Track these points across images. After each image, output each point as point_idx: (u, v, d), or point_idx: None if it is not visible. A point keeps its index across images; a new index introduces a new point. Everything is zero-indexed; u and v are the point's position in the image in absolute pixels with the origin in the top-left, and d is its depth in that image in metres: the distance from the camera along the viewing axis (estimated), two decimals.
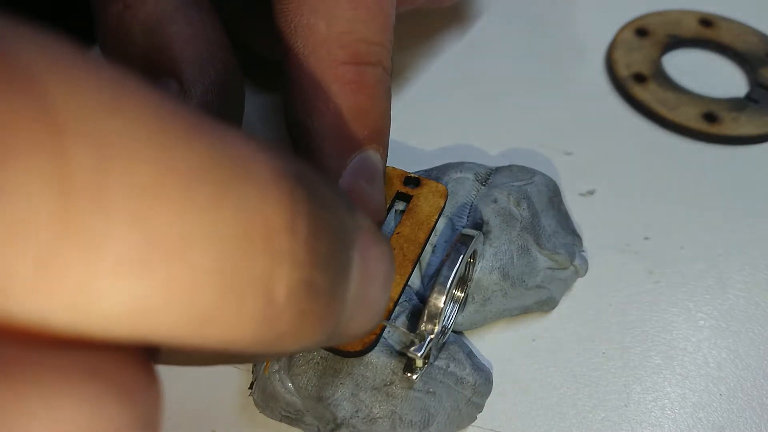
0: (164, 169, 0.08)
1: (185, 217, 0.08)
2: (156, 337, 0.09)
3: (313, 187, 0.10)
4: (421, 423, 0.21)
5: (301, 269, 0.10)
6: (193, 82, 0.22)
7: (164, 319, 0.08)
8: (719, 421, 0.23)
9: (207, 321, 0.09)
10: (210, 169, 0.09)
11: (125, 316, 0.08)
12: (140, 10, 0.22)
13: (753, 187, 0.30)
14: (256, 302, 0.09)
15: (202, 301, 0.09)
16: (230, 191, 0.09)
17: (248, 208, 0.09)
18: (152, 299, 0.08)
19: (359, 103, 0.20)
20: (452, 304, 0.23)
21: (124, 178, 0.08)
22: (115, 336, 0.08)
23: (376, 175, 0.21)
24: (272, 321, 0.09)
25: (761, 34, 0.36)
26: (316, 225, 0.10)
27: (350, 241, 0.11)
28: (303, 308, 0.10)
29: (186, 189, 0.08)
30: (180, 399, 0.23)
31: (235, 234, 0.09)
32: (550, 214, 0.26)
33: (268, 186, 0.09)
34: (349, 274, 0.11)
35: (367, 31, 0.20)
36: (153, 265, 0.08)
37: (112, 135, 0.08)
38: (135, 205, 0.08)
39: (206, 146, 0.09)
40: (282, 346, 0.10)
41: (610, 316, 0.26)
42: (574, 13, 0.39)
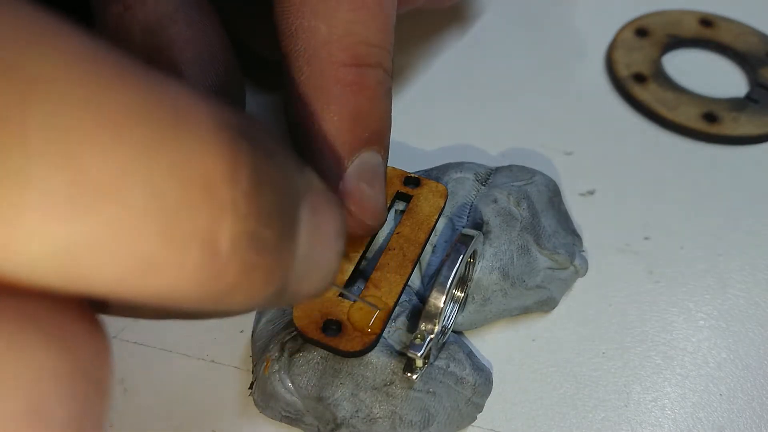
0: (91, 109, 0.08)
1: (117, 159, 0.08)
2: (90, 286, 0.09)
3: (256, 140, 0.10)
4: (421, 423, 0.21)
5: (244, 221, 0.10)
6: (194, 83, 0.22)
7: (97, 265, 0.08)
8: (719, 421, 0.23)
9: (145, 270, 0.09)
10: (145, 113, 0.09)
11: (53, 259, 0.08)
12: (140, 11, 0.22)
13: (753, 187, 0.30)
14: (199, 252, 0.09)
15: (139, 248, 0.09)
16: (167, 137, 0.09)
17: (186, 156, 0.09)
18: (83, 243, 0.08)
19: (360, 105, 0.20)
20: (452, 304, 0.23)
21: (46, 116, 0.08)
22: (46, 282, 0.08)
23: (376, 177, 0.21)
24: (217, 272, 0.09)
25: (761, 34, 0.36)
26: (259, 177, 0.10)
27: (298, 198, 0.11)
28: (248, 261, 0.10)
29: (117, 130, 0.08)
30: (180, 399, 0.23)
31: (172, 180, 0.09)
32: (550, 214, 0.26)
33: (208, 134, 0.09)
34: (297, 231, 0.11)
35: (367, 33, 0.20)
36: (81, 206, 0.08)
37: (34, 73, 0.08)
38: (59, 144, 0.08)
39: (142, 91, 0.09)
40: (232, 301, 0.10)
41: (610, 316, 0.26)
42: (574, 13, 0.39)
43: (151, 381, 0.24)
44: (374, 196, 0.21)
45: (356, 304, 0.21)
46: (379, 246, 0.24)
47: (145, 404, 0.23)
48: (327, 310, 0.21)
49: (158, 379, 0.24)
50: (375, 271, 0.22)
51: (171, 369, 0.24)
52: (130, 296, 0.09)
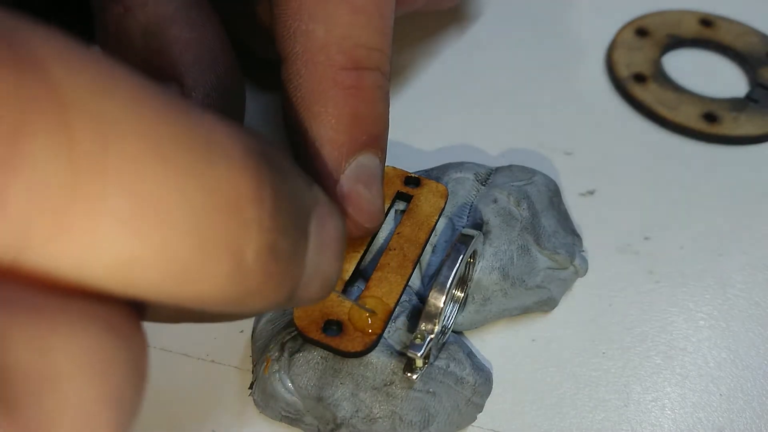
0: (149, 142, 0.09)
1: (166, 183, 0.10)
2: (141, 290, 0.10)
3: (276, 163, 0.11)
4: (421, 423, 0.21)
5: (267, 234, 0.11)
6: (194, 85, 0.22)
7: (149, 273, 0.10)
8: (719, 421, 0.23)
9: (185, 277, 0.10)
10: (187, 144, 0.10)
11: (119, 267, 0.09)
12: (140, 13, 0.22)
13: (753, 187, 0.30)
14: (228, 262, 0.10)
15: (180, 259, 0.10)
16: (205, 163, 0.10)
17: (220, 179, 0.10)
18: (140, 254, 0.10)
19: (357, 108, 0.20)
20: (452, 304, 0.23)
21: (118, 149, 0.09)
22: (109, 285, 0.10)
23: (374, 180, 0.21)
24: (242, 280, 0.11)
25: (761, 34, 0.36)
26: (279, 196, 0.11)
27: (308, 212, 0.13)
28: (268, 269, 0.11)
29: (167, 159, 0.10)
30: (180, 399, 0.23)
31: (208, 201, 0.10)
32: (550, 214, 0.26)
33: (237, 160, 0.11)
34: (308, 241, 0.13)
35: (365, 37, 0.20)
36: (142, 224, 0.09)
37: (107, 112, 0.09)
38: (127, 171, 0.09)
39: (185, 125, 0.10)
40: (249, 304, 0.11)
41: (610, 316, 0.26)
42: (574, 13, 0.39)
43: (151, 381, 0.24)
44: (371, 199, 0.21)
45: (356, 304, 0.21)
46: (379, 246, 0.24)
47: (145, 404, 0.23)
48: (328, 310, 0.21)
49: (158, 379, 0.24)
50: (375, 271, 0.22)
51: (171, 369, 0.24)
52: (168, 300, 0.10)
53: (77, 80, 0.09)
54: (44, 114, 0.09)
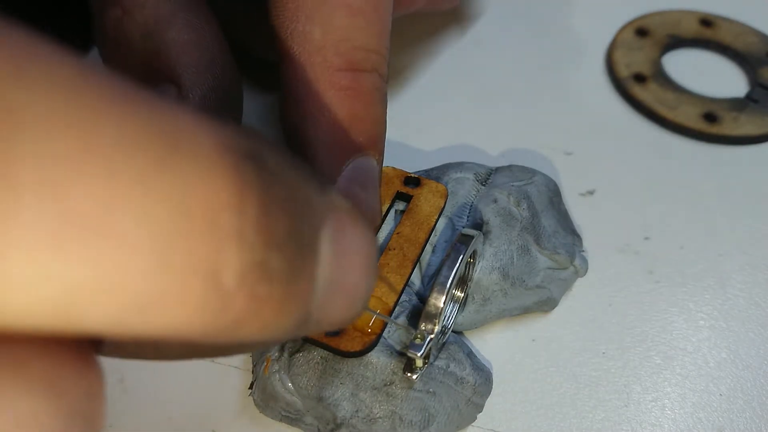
0: (82, 139, 0.08)
1: (108, 192, 0.08)
2: (92, 326, 0.08)
3: (265, 162, 0.10)
4: (421, 423, 0.21)
5: (252, 250, 0.09)
6: (192, 86, 0.22)
7: (95, 306, 0.08)
8: (719, 421, 0.23)
9: (145, 307, 0.08)
10: (140, 140, 0.08)
11: (47, 304, 0.08)
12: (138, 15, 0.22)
13: (753, 187, 0.30)
14: (201, 286, 0.09)
15: (135, 286, 0.08)
16: (164, 165, 0.08)
17: (186, 184, 0.08)
18: (77, 285, 0.08)
19: (355, 109, 0.20)
20: (452, 304, 0.23)
21: (32, 147, 0.07)
22: (38, 327, 0.08)
23: (371, 181, 0.21)
24: (222, 307, 0.09)
25: (761, 34, 0.36)
26: (269, 202, 0.09)
27: (317, 220, 0.11)
28: (257, 293, 0.09)
29: (108, 162, 0.08)
30: (180, 399, 0.23)
31: (169, 211, 0.08)
32: (550, 214, 0.26)
33: (209, 159, 0.09)
34: (317, 255, 0.11)
35: (363, 38, 0.20)
36: (75, 245, 0.07)
37: (19, 102, 0.07)
38: (47, 175, 0.07)
39: (136, 117, 0.08)
40: (244, 334, 0.10)
41: (610, 316, 0.26)
42: (574, 13, 0.39)
43: (151, 381, 0.24)
44: (368, 201, 0.21)
45: None
46: (379, 246, 0.24)
47: (145, 404, 0.23)
48: None
49: (158, 379, 0.24)
50: None
51: (171, 369, 0.24)
52: (127, 335, 0.09)
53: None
54: None
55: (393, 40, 0.22)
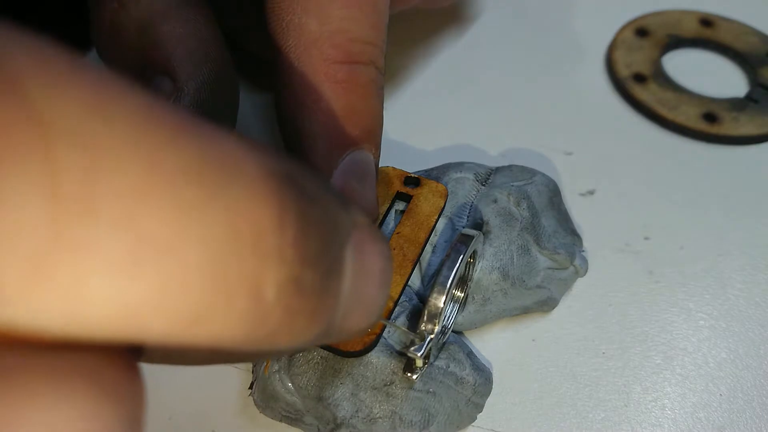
0: (151, 171, 0.08)
1: (173, 218, 0.08)
2: (146, 337, 0.09)
3: (302, 185, 0.10)
4: (421, 423, 0.21)
5: (290, 267, 0.10)
6: (186, 80, 0.22)
7: (155, 318, 0.08)
8: (719, 421, 0.23)
9: (196, 320, 0.09)
10: (197, 169, 0.09)
11: (115, 317, 0.08)
12: (134, 8, 0.22)
13: (753, 187, 0.30)
14: (245, 301, 0.09)
15: (191, 301, 0.09)
16: (218, 191, 0.09)
17: (236, 208, 0.09)
18: (142, 300, 0.08)
19: (351, 102, 0.20)
20: (452, 304, 0.23)
21: (111, 181, 0.08)
22: (105, 337, 0.08)
23: (367, 174, 0.21)
24: (262, 319, 0.10)
25: (761, 34, 0.36)
26: (305, 223, 0.10)
27: (343, 238, 0.11)
28: (292, 305, 0.10)
29: (174, 190, 0.08)
30: (180, 399, 0.23)
31: (223, 234, 0.09)
32: (550, 214, 0.26)
33: (255, 185, 0.09)
34: (342, 271, 0.11)
35: (359, 31, 0.20)
36: (143, 266, 0.08)
37: (98, 138, 0.08)
38: (123, 207, 0.08)
39: (194, 147, 0.09)
40: (275, 343, 0.10)
41: (610, 316, 0.26)
42: (574, 13, 0.39)
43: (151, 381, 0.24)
44: (364, 194, 0.21)
45: None
46: None
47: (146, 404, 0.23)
48: None
49: (158, 379, 0.24)
50: None
51: (171, 369, 0.24)
52: (176, 343, 0.09)
53: (61, 99, 0.08)
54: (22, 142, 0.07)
55: (393, 39, 0.22)
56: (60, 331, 0.08)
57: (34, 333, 0.08)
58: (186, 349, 0.09)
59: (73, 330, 0.08)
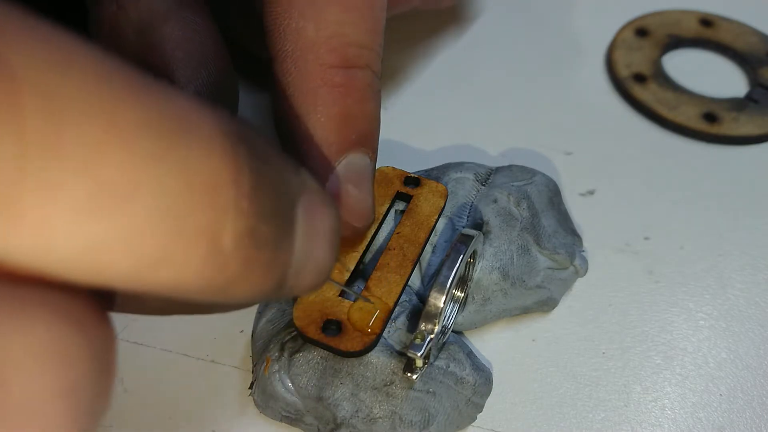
0: (110, 123, 0.09)
1: (131, 166, 0.09)
2: (110, 279, 0.09)
3: (256, 145, 0.11)
4: (421, 423, 0.21)
5: (246, 219, 0.11)
6: (186, 82, 0.22)
7: (116, 260, 0.09)
8: (719, 421, 0.23)
9: (157, 264, 0.10)
10: (154, 124, 0.09)
11: (80, 255, 0.09)
12: (133, 10, 0.22)
13: (753, 187, 0.30)
14: (205, 247, 0.10)
15: (151, 245, 0.09)
16: (174, 145, 0.10)
17: (193, 161, 0.10)
18: (104, 241, 0.09)
19: (347, 106, 0.20)
20: (452, 304, 0.23)
21: (74, 130, 0.09)
22: (70, 274, 0.09)
23: (363, 179, 0.21)
24: (220, 266, 0.10)
25: (761, 34, 0.36)
26: (259, 179, 0.11)
27: (294, 197, 0.12)
28: (249, 256, 0.11)
29: (129, 141, 0.09)
30: (180, 399, 0.23)
31: (181, 184, 0.10)
32: (550, 214, 0.26)
33: (212, 141, 0.10)
34: (294, 228, 0.12)
35: (356, 35, 0.20)
36: (103, 209, 0.09)
37: (61, 90, 0.09)
38: (85, 155, 0.09)
39: (151, 103, 0.10)
40: (233, 293, 0.11)
41: (610, 316, 0.26)
42: (574, 13, 0.39)
43: (151, 381, 0.24)
44: (361, 198, 0.21)
45: (356, 304, 0.21)
46: (379, 246, 0.24)
47: (145, 404, 0.23)
48: (327, 310, 0.21)
49: (158, 379, 0.24)
50: (375, 271, 0.22)
51: (171, 369, 0.24)
52: (140, 288, 0.10)
53: (30, 54, 0.08)
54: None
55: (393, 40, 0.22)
56: (28, 265, 0.09)
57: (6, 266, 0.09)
58: (149, 292, 0.10)
59: (40, 265, 0.09)
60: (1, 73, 0.08)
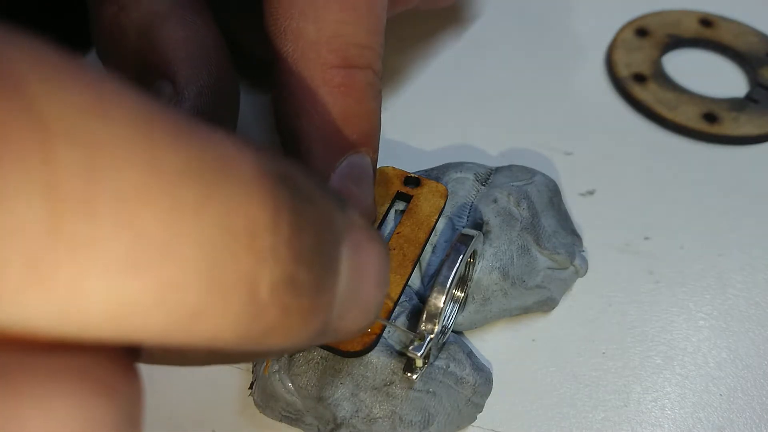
0: (150, 172, 0.08)
1: (172, 219, 0.08)
2: (144, 336, 0.09)
3: (297, 184, 0.10)
4: (421, 423, 0.21)
5: (284, 266, 0.10)
6: (187, 83, 0.22)
7: (152, 318, 0.09)
8: (719, 421, 0.23)
9: (193, 319, 0.09)
10: (195, 170, 0.09)
11: (112, 316, 0.08)
12: (134, 11, 0.22)
13: (753, 187, 0.30)
14: (241, 299, 0.09)
15: (187, 299, 0.09)
16: (215, 191, 0.09)
17: (232, 208, 0.09)
18: (141, 299, 0.08)
19: (348, 106, 0.20)
20: (452, 304, 0.23)
21: (111, 182, 0.08)
22: (102, 337, 0.08)
23: (365, 178, 0.21)
24: (257, 317, 0.10)
25: (761, 34, 0.36)
26: (300, 222, 0.10)
27: (339, 238, 0.11)
28: (287, 304, 0.10)
29: (172, 191, 0.08)
30: (180, 399, 0.23)
31: (220, 233, 0.09)
32: (550, 214, 0.26)
33: (250, 185, 0.09)
34: (338, 270, 0.11)
35: (356, 35, 0.20)
36: (142, 266, 0.08)
37: (98, 139, 0.08)
38: (123, 208, 0.08)
39: (191, 148, 0.09)
40: (271, 342, 0.10)
41: (610, 316, 0.26)
42: (574, 13, 0.39)
43: (151, 381, 0.24)
44: (362, 198, 0.21)
45: None
46: None
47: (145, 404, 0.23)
48: None
49: (158, 379, 0.24)
50: None
51: (171, 369, 0.24)
52: (173, 342, 0.09)
53: (62, 99, 0.08)
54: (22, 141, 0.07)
55: (393, 40, 0.22)
56: (56, 330, 0.08)
57: (31, 333, 0.08)
58: (183, 349, 0.10)
59: (70, 329, 0.08)
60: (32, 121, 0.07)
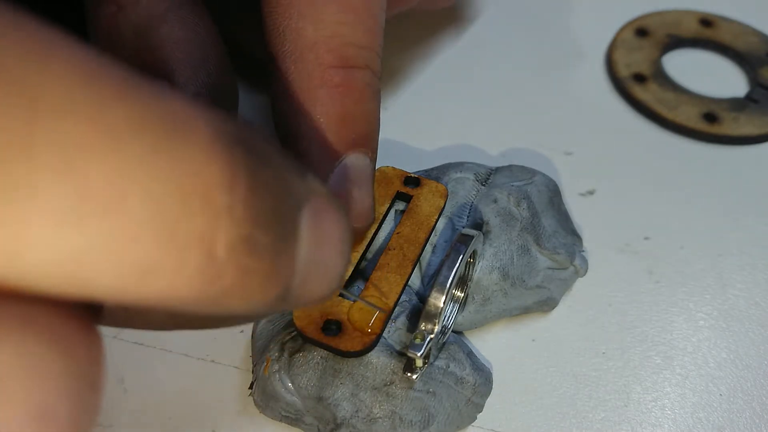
0: (92, 122, 0.08)
1: (118, 171, 0.08)
2: (95, 290, 0.09)
3: (254, 147, 0.10)
4: (421, 423, 0.21)
5: (240, 226, 0.10)
6: (185, 83, 0.22)
7: (102, 271, 0.09)
8: (719, 421, 0.23)
9: (146, 275, 0.09)
10: (143, 125, 0.09)
11: (58, 266, 0.08)
12: (132, 11, 0.22)
13: (753, 187, 0.30)
14: (196, 256, 0.09)
15: (139, 254, 0.09)
16: (165, 147, 0.09)
17: (184, 165, 0.09)
18: (86, 250, 0.08)
19: (347, 106, 0.20)
20: (452, 304, 0.23)
21: (52, 131, 0.08)
22: (50, 287, 0.09)
23: (363, 179, 0.21)
24: (214, 276, 0.10)
25: (761, 34, 0.36)
26: (257, 183, 0.10)
27: (299, 203, 0.12)
28: (245, 265, 0.10)
29: (115, 142, 0.08)
30: (180, 399, 0.23)
31: (171, 188, 0.09)
32: (550, 214, 0.26)
33: (204, 143, 0.09)
34: (298, 235, 0.11)
35: (355, 35, 0.20)
36: (85, 216, 0.08)
37: (39, 89, 0.08)
38: (64, 158, 0.08)
39: (140, 103, 0.09)
40: (231, 304, 0.10)
41: (610, 316, 0.26)
42: (574, 14, 0.39)
43: (151, 381, 0.24)
44: (361, 198, 0.21)
45: (356, 304, 0.21)
46: (379, 246, 0.24)
47: (145, 404, 0.23)
48: (327, 309, 0.21)
49: (158, 379, 0.24)
50: (375, 271, 0.22)
51: (171, 369, 0.24)
52: (128, 300, 0.09)
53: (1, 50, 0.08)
54: None
55: (394, 40, 0.22)
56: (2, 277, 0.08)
57: None
58: (141, 309, 0.10)
59: (13, 277, 0.08)
60: None
